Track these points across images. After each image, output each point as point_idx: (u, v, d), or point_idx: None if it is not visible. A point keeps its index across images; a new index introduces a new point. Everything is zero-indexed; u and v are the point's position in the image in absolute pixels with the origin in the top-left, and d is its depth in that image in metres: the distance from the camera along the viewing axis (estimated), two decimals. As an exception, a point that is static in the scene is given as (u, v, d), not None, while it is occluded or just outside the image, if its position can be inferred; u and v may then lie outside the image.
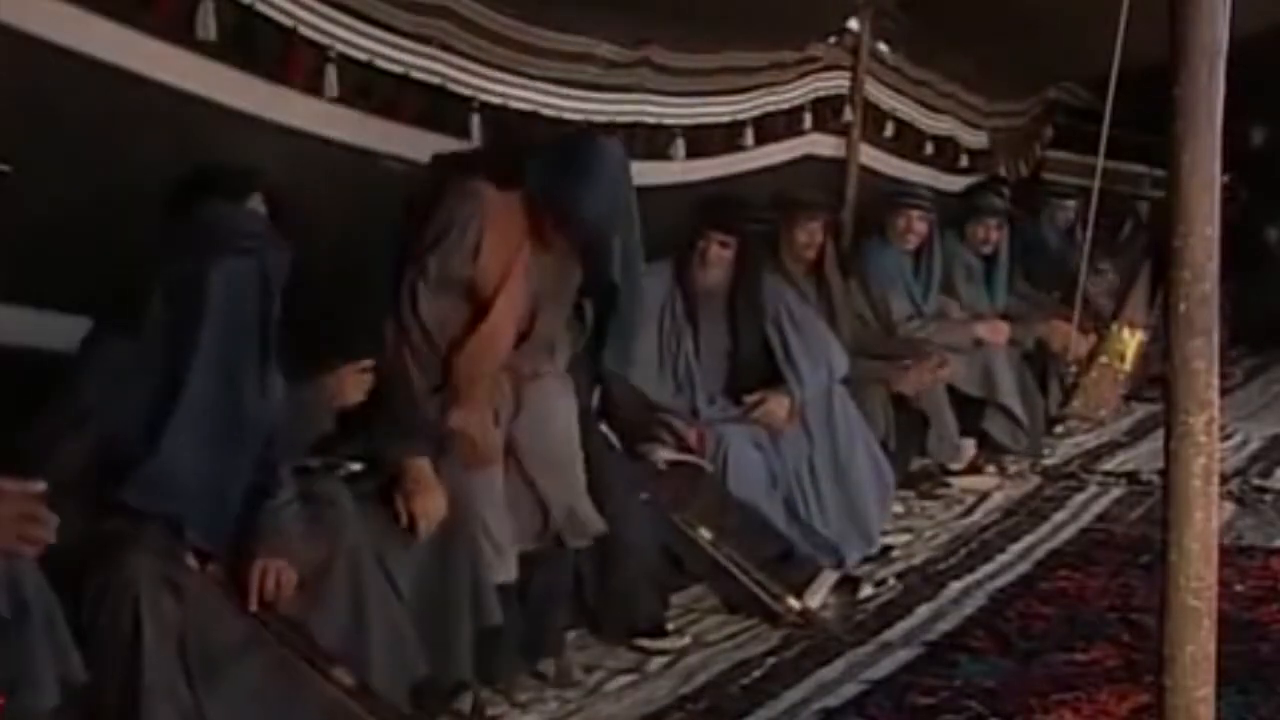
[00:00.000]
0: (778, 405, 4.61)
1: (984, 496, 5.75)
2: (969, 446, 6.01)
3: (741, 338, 4.72)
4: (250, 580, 2.73)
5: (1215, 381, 2.28)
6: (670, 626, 3.98)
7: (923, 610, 4.23)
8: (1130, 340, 6.48)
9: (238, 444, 2.83)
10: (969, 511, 5.55)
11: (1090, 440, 6.81)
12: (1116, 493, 5.84)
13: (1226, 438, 6.44)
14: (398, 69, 4.27)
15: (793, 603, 4.04)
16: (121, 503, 2.71)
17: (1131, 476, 6.04)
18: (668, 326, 4.66)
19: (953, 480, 5.91)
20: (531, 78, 4.81)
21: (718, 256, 4.63)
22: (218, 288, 2.79)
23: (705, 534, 4.06)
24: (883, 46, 6.79)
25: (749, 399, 4.63)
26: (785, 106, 6.34)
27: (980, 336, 5.93)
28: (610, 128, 5.25)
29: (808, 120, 6.49)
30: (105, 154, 3.37)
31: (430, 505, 3.13)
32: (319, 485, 2.97)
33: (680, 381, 4.61)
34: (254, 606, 2.73)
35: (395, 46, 4.24)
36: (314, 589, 2.84)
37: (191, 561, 2.73)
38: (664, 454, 4.22)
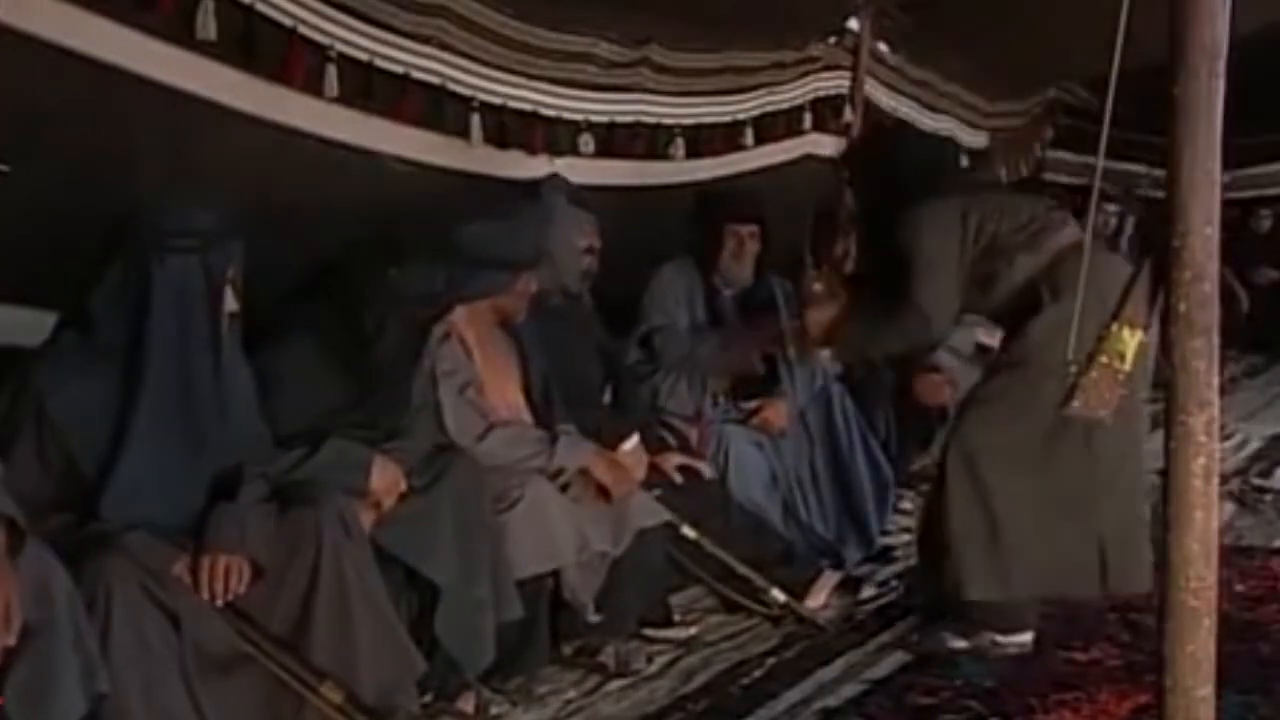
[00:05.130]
0: (775, 414, 4.61)
1: (984, 497, 5.73)
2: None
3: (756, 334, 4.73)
4: (200, 573, 2.72)
5: (1215, 381, 2.28)
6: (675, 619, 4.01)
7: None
8: (1130, 340, 6.46)
9: (198, 443, 2.84)
10: (969, 511, 5.53)
11: (1090, 440, 6.79)
12: (1116, 493, 5.83)
13: (1226, 438, 6.44)
14: (398, 69, 4.27)
15: (777, 594, 4.04)
16: (98, 512, 2.73)
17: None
18: (685, 326, 4.66)
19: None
20: (531, 78, 4.81)
21: (750, 249, 4.66)
22: (160, 290, 2.81)
23: (703, 534, 4.05)
24: (883, 46, 6.79)
25: (747, 405, 4.64)
26: (785, 106, 6.34)
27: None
28: (610, 127, 5.27)
29: (808, 120, 6.49)
30: (103, 153, 3.38)
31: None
32: (299, 489, 2.96)
33: (692, 381, 4.60)
34: (205, 597, 2.71)
35: (395, 46, 4.24)
36: (299, 595, 2.84)
37: (184, 573, 2.73)
38: (673, 460, 4.22)
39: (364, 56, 4.13)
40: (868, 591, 4.36)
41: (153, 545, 2.70)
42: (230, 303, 2.91)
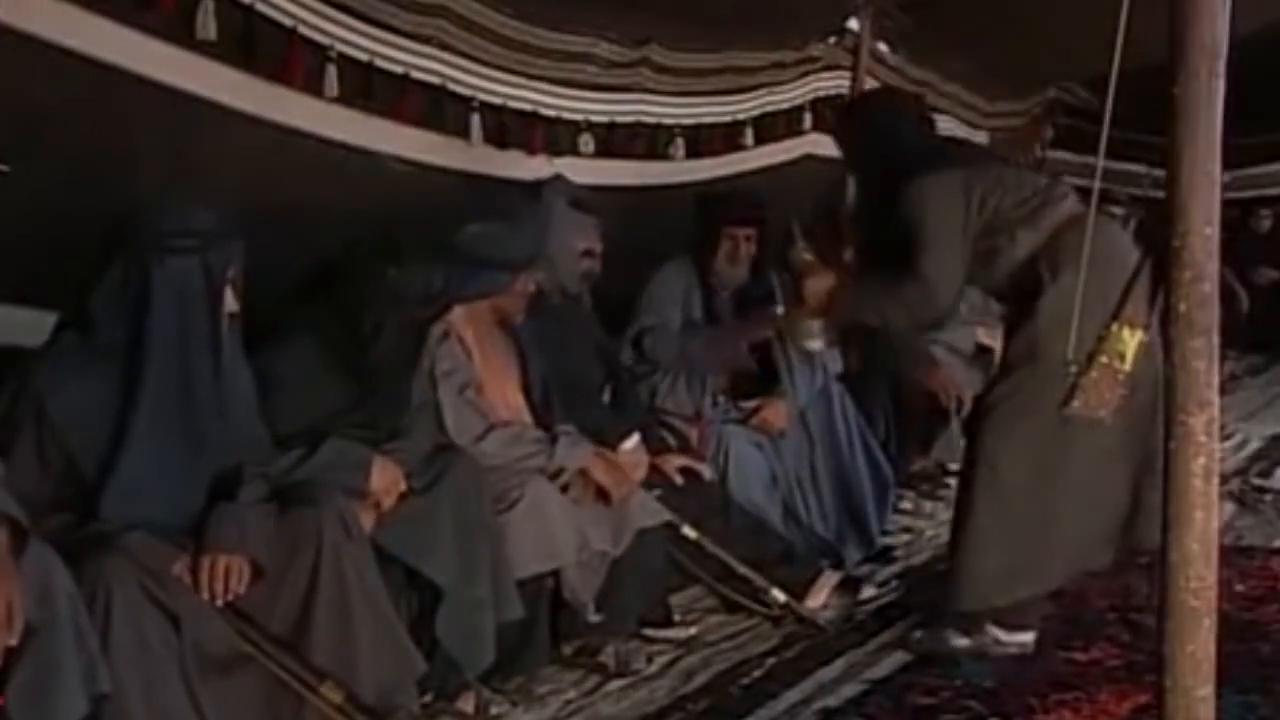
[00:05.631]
0: (774, 414, 4.62)
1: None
2: (969, 446, 5.98)
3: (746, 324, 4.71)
4: (200, 573, 2.71)
5: (1215, 381, 2.28)
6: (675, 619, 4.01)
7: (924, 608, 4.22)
8: (1130, 340, 6.46)
9: (197, 443, 2.84)
10: (969, 511, 5.53)
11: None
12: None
13: (1226, 438, 6.44)
14: (398, 69, 4.27)
15: (777, 594, 4.05)
16: (98, 512, 2.73)
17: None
18: (679, 326, 4.65)
19: (953, 480, 5.89)
20: (531, 78, 4.81)
21: (746, 252, 4.66)
22: (160, 290, 2.81)
23: (703, 535, 4.05)
24: (883, 46, 6.78)
25: (747, 404, 4.64)
26: (785, 106, 6.35)
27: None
28: (610, 127, 5.27)
29: (808, 120, 6.50)
30: (103, 153, 3.38)
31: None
32: (299, 489, 2.97)
33: (691, 381, 4.60)
34: (205, 597, 2.71)
35: (395, 46, 4.24)
36: (299, 595, 2.84)
37: (184, 573, 2.73)
38: (675, 462, 4.22)
39: (364, 56, 4.14)
40: (868, 591, 4.36)
41: (152, 545, 2.70)
42: (230, 303, 2.91)
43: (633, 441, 3.92)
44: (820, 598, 4.22)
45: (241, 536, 2.76)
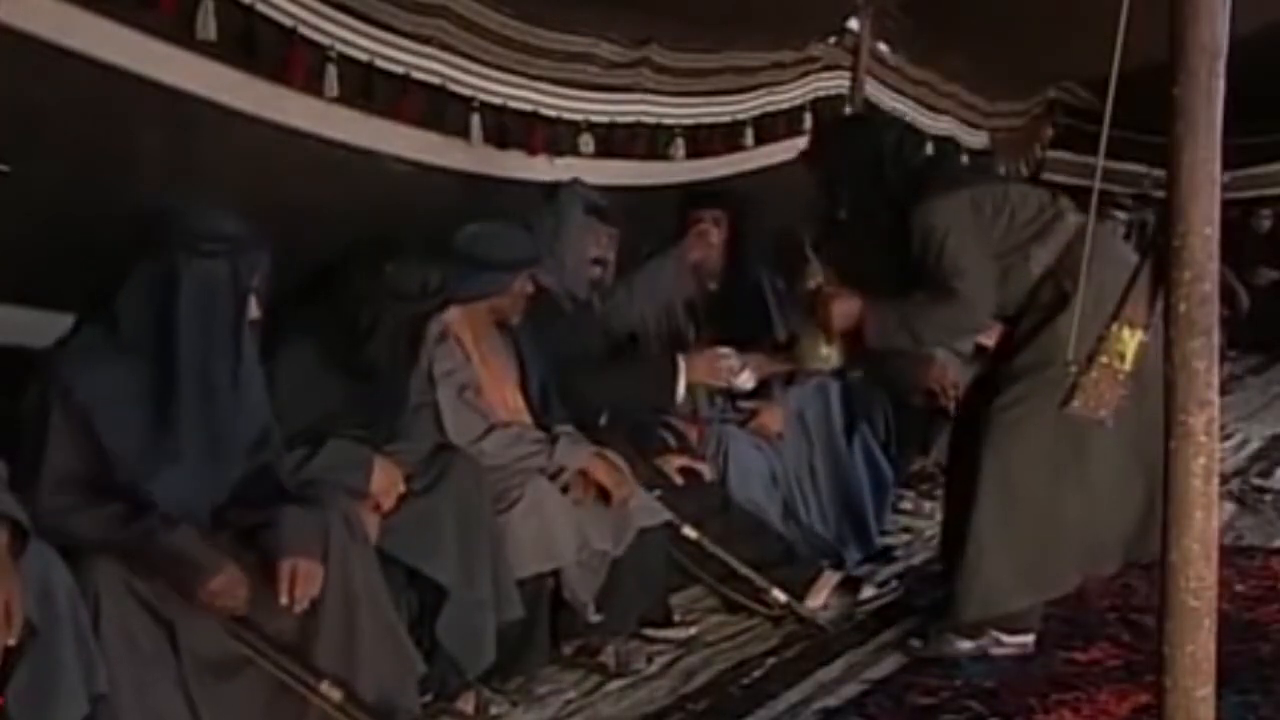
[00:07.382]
0: (771, 418, 4.61)
1: (984, 496, 5.73)
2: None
3: (738, 325, 4.68)
4: (281, 578, 2.72)
5: (1215, 381, 2.28)
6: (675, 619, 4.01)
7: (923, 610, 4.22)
8: (1130, 340, 6.45)
9: (215, 444, 2.83)
10: (969, 511, 5.52)
11: (1090, 440, 6.78)
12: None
13: (1226, 438, 6.44)
14: (398, 69, 4.27)
15: (777, 594, 4.05)
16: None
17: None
18: (670, 323, 4.64)
19: (952, 481, 5.89)
20: (532, 78, 4.81)
21: (712, 234, 4.63)
22: (188, 290, 2.80)
23: (704, 535, 4.06)
24: (883, 46, 6.79)
25: (745, 407, 4.63)
26: (785, 106, 6.35)
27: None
28: (610, 128, 5.27)
29: (808, 120, 6.50)
30: (103, 153, 3.38)
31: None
32: (302, 490, 2.96)
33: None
34: (285, 602, 2.72)
35: (395, 46, 4.25)
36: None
37: (230, 585, 2.71)
38: (675, 462, 4.22)
39: (364, 56, 4.14)
40: (868, 591, 4.35)
41: (199, 545, 2.69)
42: (253, 310, 2.91)
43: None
44: (820, 598, 4.22)
45: (316, 540, 2.78)
